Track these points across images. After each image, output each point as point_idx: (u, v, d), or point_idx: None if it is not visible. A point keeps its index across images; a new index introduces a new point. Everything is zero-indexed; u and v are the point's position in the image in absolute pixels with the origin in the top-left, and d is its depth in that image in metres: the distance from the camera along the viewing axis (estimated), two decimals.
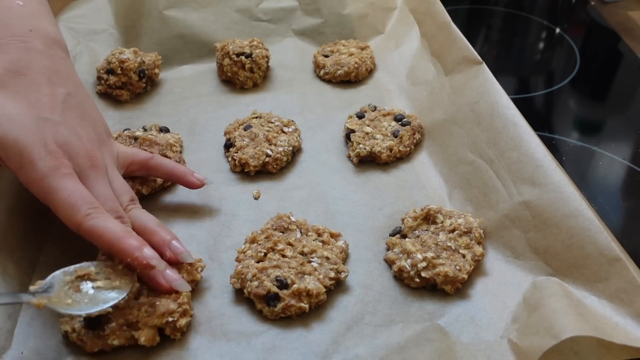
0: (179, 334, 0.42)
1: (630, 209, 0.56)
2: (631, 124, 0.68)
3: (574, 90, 0.75)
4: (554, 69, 0.82)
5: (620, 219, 0.55)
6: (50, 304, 0.39)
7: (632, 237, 0.51)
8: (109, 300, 0.41)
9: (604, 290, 0.40)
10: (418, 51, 0.70)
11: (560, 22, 0.92)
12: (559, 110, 0.71)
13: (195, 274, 0.45)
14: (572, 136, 0.66)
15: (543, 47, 0.88)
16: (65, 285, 0.41)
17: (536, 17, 0.93)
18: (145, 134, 0.60)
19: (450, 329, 0.42)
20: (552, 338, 0.37)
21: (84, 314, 0.40)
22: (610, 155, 0.63)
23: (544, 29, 0.91)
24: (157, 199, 0.55)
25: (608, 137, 0.66)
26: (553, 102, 0.73)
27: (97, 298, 0.41)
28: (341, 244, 0.49)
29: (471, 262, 0.46)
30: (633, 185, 0.59)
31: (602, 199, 0.56)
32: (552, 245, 0.44)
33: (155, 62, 0.69)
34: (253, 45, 0.70)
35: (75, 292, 0.40)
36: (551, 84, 0.76)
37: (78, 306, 0.40)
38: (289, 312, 0.43)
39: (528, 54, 0.86)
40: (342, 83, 0.71)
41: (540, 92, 0.75)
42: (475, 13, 0.95)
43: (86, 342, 0.41)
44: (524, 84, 0.79)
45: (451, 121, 0.59)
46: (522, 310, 0.42)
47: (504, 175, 0.50)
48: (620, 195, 0.58)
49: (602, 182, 0.60)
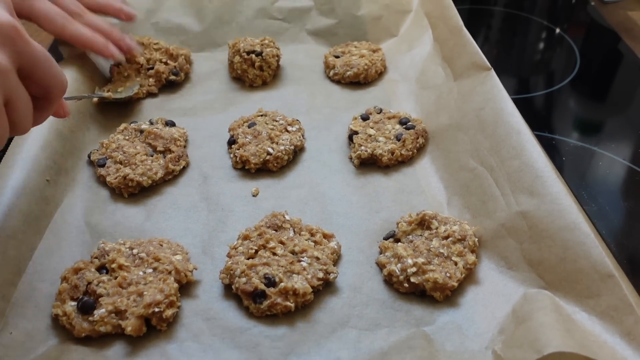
0: (165, 325, 0.43)
1: (630, 209, 0.55)
2: (631, 124, 0.67)
3: (574, 90, 0.74)
4: (554, 69, 0.81)
5: (620, 219, 0.54)
6: (114, 94, 0.65)
7: (632, 237, 0.50)
8: (133, 89, 0.67)
9: (595, 307, 0.39)
10: (429, 55, 0.69)
11: (560, 22, 0.90)
12: (559, 110, 0.70)
13: (188, 275, 0.46)
14: (572, 136, 0.65)
15: (543, 47, 0.87)
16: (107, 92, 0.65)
17: (536, 17, 0.92)
18: (151, 127, 0.60)
19: (435, 337, 0.42)
20: (535, 352, 0.36)
21: (130, 93, 0.66)
22: (610, 155, 0.61)
23: (544, 29, 0.89)
24: (158, 190, 0.55)
25: (608, 137, 0.65)
26: (553, 102, 0.72)
27: (127, 91, 0.66)
28: (333, 245, 0.49)
29: (462, 270, 0.45)
30: (633, 185, 0.58)
31: (602, 199, 0.55)
32: (546, 257, 0.43)
33: (186, 58, 0.72)
34: (264, 44, 0.71)
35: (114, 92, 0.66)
36: (551, 84, 0.75)
37: (124, 94, 0.66)
38: (275, 310, 0.43)
39: (528, 54, 0.85)
40: (351, 84, 0.71)
41: (540, 92, 0.74)
42: (475, 13, 0.94)
43: (74, 327, 0.42)
44: (524, 84, 0.78)
45: (456, 127, 0.58)
46: (510, 322, 0.41)
47: (503, 184, 0.49)
48: (620, 195, 0.57)
49: (602, 182, 0.58)
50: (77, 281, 0.44)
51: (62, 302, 0.43)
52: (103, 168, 0.55)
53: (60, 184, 0.53)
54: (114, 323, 0.42)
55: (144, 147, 0.58)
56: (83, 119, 0.61)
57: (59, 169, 0.54)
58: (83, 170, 0.57)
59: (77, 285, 0.44)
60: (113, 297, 0.43)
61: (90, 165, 0.58)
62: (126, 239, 0.49)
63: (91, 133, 0.61)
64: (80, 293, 0.44)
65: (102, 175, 0.55)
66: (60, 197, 0.52)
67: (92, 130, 0.61)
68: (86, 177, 0.56)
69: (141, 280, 0.45)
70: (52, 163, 0.53)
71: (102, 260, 0.46)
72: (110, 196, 0.55)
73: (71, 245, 0.49)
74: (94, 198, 0.54)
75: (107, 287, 0.44)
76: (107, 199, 0.54)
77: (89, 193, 0.55)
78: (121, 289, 0.44)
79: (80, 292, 0.44)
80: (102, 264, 0.46)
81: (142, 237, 0.50)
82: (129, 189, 0.54)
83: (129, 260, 0.46)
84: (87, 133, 0.60)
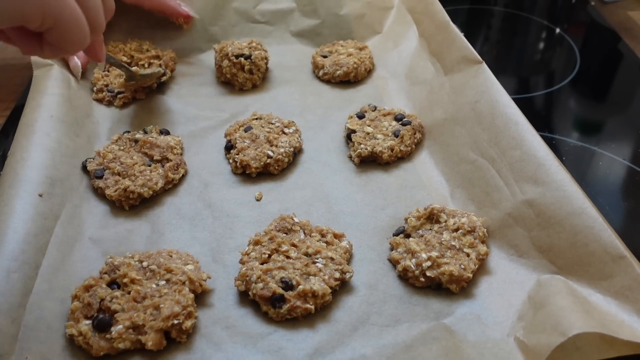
0: (184, 337, 0.42)
1: (630, 208, 0.56)
2: (631, 124, 0.69)
3: (574, 90, 0.75)
4: (554, 69, 0.82)
5: (621, 219, 0.56)
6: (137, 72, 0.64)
7: (632, 237, 0.51)
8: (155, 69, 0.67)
9: (609, 288, 0.40)
10: (417, 50, 0.70)
11: (560, 22, 0.92)
12: (559, 110, 0.72)
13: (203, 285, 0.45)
14: (572, 136, 0.66)
15: (543, 47, 0.88)
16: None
17: (536, 17, 0.93)
18: (146, 136, 0.59)
19: (456, 328, 0.42)
20: (559, 335, 0.37)
21: (153, 72, 0.65)
22: (610, 155, 0.63)
23: (544, 29, 0.91)
24: (158, 201, 0.54)
25: (608, 137, 0.67)
26: (553, 102, 0.73)
27: (152, 74, 0.66)
28: (345, 244, 0.49)
29: (475, 261, 0.46)
30: (633, 185, 0.59)
31: (602, 198, 0.57)
32: (556, 243, 0.44)
33: (172, 57, 0.71)
34: (252, 47, 0.70)
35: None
36: (551, 84, 0.77)
37: (149, 72, 0.65)
38: (295, 314, 0.43)
39: (528, 54, 0.87)
40: (341, 83, 0.71)
41: (540, 92, 0.75)
42: (475, 13, 0.95)
43: (92, 346, 0.41)
44: (524, 84, 0.79)
45: (452, 120, 0.59)
46: (528, 309, 0.42)
47: (506, 174, 0.50)
48: (620, 195, 0.58)
49: (602, 182, 0.60)
50: (89, 299, 0.43)
51: (76, 322, 0.42)
52: (101, 180, 0.54)
53: (56, 196, 0.51)
54: (133, 339, 0.41)
55: (140, 157, 0.57)
56: (69, 127, 0.59)
57: (53, 182, 0.52)
58: (78, 178, 0.55)
59: (90, 303, 0.43)
60: (129, 312, 0.42)
61: (86, 173, 0.56)
62: (134, 252, 0.48)
63: (81, 139, 0.59)
64: (94, 311, 0.43)
65: (100, 187, 0.54)
66: (58, 210, 0.51)
67: (81, 137, 0.60)
68: (83, 186, 0.55)
69: (155, 293, 0.44)
70: (42, 178, 0.51)
71: (113, 275, 0.45)
72: (110, 209, 0.53)
73: (75, 261, 0.48)
74: (94, 211, 0.53)
75: (122, 303, 0.43)
76: (107, 212, 0.53)
77: (88, 205, 0.53)
78: (136, 303, 0.43)
79: (93, 309, 0.43)
80: (113, 279, 0.45)
81: (149, 249, 0.49)
82: (130, 201, 0.53)
83: (140, 273, 0.45)
84: (77, 139, 0.59)
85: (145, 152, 0.58)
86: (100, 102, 0.66)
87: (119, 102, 0.66)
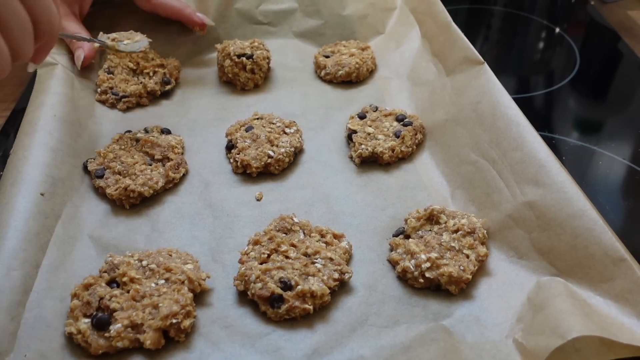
0: (183, 336, 0.42)
1: (630, 208, 0.56)
2: (631, 124, 0.68)
3: (574, 90, 0.75)
4: (554, 68, 0.82)
5: (621, 219, 0.55)
6: (118, 46, 0.60)
7: (632, 237, 0.51)
8: (141, 45, 0.62)
9: (609, 291, 0.40)
10: (419, 51, 0.70)
11: (560, 22, 0.92)
12: (559, 110, 0.71)
13: (202, 284, 0.45)
14: (572, 136, 0.66)
15: (543, 47, 0.88)
16: (111, 41, 0.61)
17: (536, 17, 0.93)
18: (147, 135, 0.59)
19: (454, 329, 0.42)
20: (558, 338, 0.37)
21: (137, 48, 0.61)
22: (610, 154, 0.63)
23: (544, 29, 0.91)
24: (159, 200, 0.55)
25: (608, 136, 0.66)
26: (553, 102, 0.73)
27: (134, 45, 0.62)
28: (344, 244, 0.49)
29: (475, 263, 0.46)
30: (633, 185, 0.59)
31: (602, 198, 0.56)
32: (556, 245, 0.44)
33: (175, 66, 0.71)
34: (254, 47, 0.70)
35: (119, 43, 0.61)
36: (551, 84, 0.76)
37: (130, 47, 0.62)
38: (293, 314, 0.43)
39: (528, 54, 0.86)
40: (343, 83, 0.71)
41: (540, 92, 0.75)
42: (475, 13, 0.95)
43: (91, 344, 0.41)
44: (524, 84, 0.79)
45: (453, 121, 0.59)
46: (527, 310, 0.42)
47: (507, 176, 0.50)
48: (620, 195, 0.58)
49: (602, 182, 0.60)
50: (88, 297, 0.43)
51: (75, 320, 0.42)
52: (101, 179, 0.54)
53: (58, 195, 0.52)
54: (131, 337, 0.41)
55: (141, 156, 0.57)
56: (72, 127, 0.59)
57: (54, 181, 0.52)
58: (79, 178, 0.55)
59: (90, 301, 0.43)
60: (128, 311, 0.42)
61: (87, 173, 0.56)
62: (134, 251, 0.48)
63: (83, 139, 0.59)
64: (93, 309, 0.43)
65: (101, 186, 0.54)
66: (59, 209, 0.51)
67: (83, 137, 0.60)
68: (84, 186, 0.55)
69: (154, 292, 0.44)
70: (44, 177, 0.52)
71: (112, 274, 0.45)
72: (111, 208, 0.54)
73: (75, 260, 0.48)
74: (95, 210, 0.53)
75: (121, 302, 0.43)
76: (108, 211, 0.53)
77: (89, 204, 0.54)
78: (135, 302, 0.43)
79: (93, 308, 0.43)
80: (112, 277, 0.45)
81: (149, 248, 0.49)
82: (130, 200, 0.53)
83: (140, 272, 0.46)
84: (79, 139, 0.59)
85: (146, 152, 0.58)
86: (104, 104, 0.66)
87: (122, 105, 0.66)
